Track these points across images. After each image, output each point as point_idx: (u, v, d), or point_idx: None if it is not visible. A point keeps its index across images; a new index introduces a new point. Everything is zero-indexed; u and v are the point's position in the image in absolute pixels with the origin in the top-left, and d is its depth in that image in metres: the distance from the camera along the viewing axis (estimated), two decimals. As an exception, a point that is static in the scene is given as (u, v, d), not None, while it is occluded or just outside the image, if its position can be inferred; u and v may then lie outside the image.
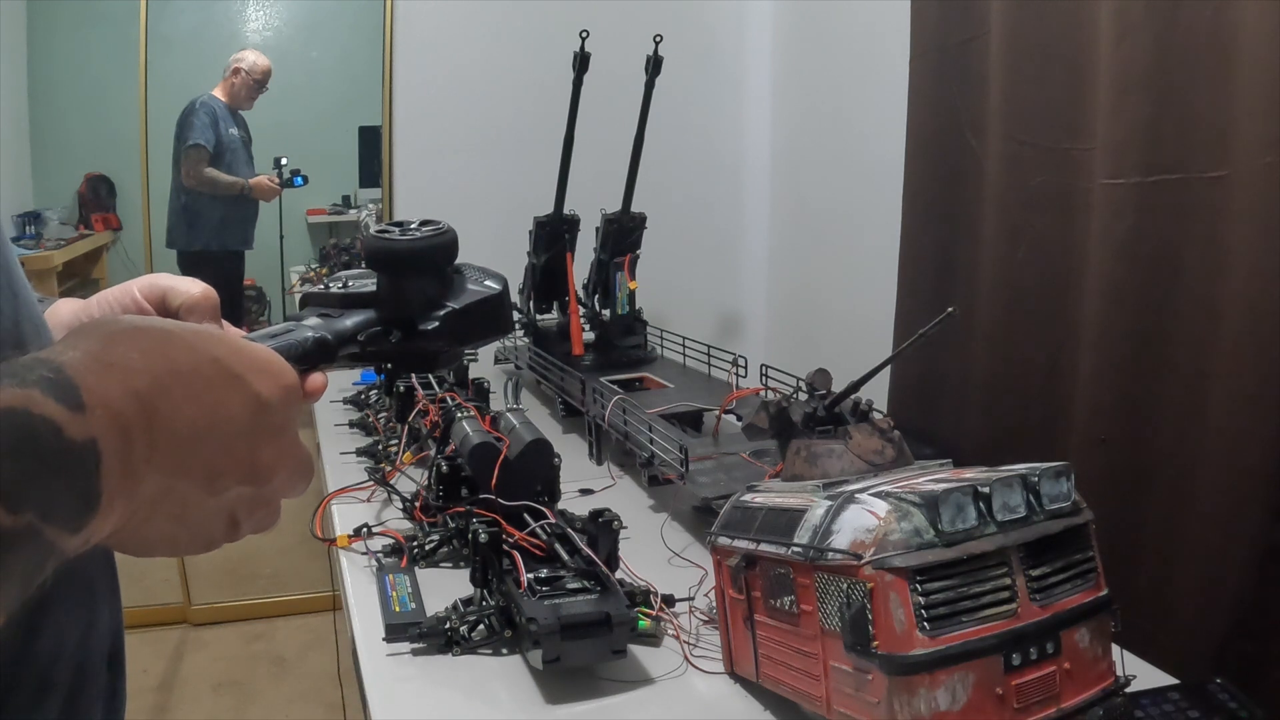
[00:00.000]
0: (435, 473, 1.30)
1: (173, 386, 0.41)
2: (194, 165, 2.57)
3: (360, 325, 0.60)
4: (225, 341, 0.45)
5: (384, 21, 2.45)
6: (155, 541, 0.44)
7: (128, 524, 0.40)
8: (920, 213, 1.83)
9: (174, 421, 0.40)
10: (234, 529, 0.47)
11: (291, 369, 0.48)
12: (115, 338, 0.41)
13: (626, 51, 2.02)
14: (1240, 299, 1.20)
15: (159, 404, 0.40)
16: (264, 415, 0.45)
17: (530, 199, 2.05)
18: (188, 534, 0.44)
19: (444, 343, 0.61)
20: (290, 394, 0.47)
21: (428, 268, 0.61)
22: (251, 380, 0.45)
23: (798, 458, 0.97)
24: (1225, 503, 1.21)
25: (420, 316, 0.60)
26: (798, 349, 2.52)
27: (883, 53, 2.02)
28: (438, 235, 0.61)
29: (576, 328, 2.00)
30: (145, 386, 0.40)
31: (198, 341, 0.44)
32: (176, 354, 0.42)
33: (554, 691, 0.96)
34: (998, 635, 0.71)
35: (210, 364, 0.43)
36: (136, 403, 0.39)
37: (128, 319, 0.44)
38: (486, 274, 0.64)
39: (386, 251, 0.60)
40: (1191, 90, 1.25)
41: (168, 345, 0.42)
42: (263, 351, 0.47)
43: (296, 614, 2.83)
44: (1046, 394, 1.53)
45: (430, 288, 0.61)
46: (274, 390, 0.46)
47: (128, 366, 0.40)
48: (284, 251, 2.77)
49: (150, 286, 0.57)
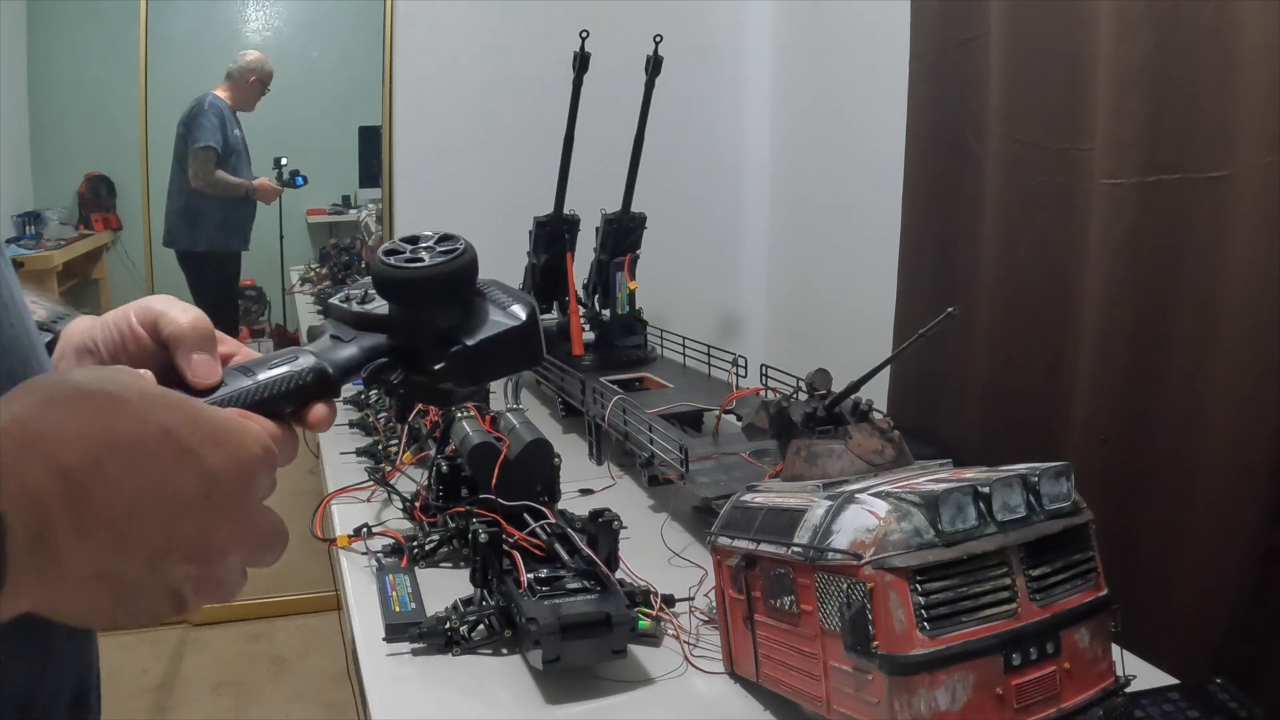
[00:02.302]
0: (435, 473, 1.30)
1: (108, 461, 0.39)
2: (203, 167, 2.57)
3: (366, 355, 0.53)
4: (181, 410, 0.43)
5: (384, 21, 2.45)
6: (91, 616, 0.41)
7: (55, 601, 0.39)
8: (920, 213, 1.83)
9: (108, 499, 0.38)
10: (180, 606, 0.44)
11: (256, 440, 0.45)
12: (55, 403, 0.39)
13: (626, 51, 2.02)
14: (1240, 299, 1.20)
15: (88, 482, 0.38)
16: (217, 492, 0.42)
17: (530, 199, 2.05)
18: (126, 611, 0.42)
19: (454, 382, 0.54)
20: (249, 467, 0.44)
21: (440, 297, 0.53)
22: (205, 454, 0.42)
23: (798, 458, 0.97)
24: (1225, 503, 1.21)
25: (429, 352, 0.53)
26: (798, 349, 2.52)
27: (883, 53, 2.02)
28: (450, 260, 0.52)
29: (576, 328, 2.00)
30: (75, 461, 0.38)
31: (148, 410, 0.41)
32: (120, 424, 0.40)
33: (554, 691, 0.96)
34: (998, 635, 0.71)
35: (158, 437, 0.41)
36: (60, 480, 0.37)
37: (78, 378, 0.42)
38: (514, 297, 0.55)
39: (390, 280, 0.53)
40: (1192, 90, 1.25)
41: (112, 414, 0.40)
42: (223, 420, 0.44)
43: (296, 614, 2.83)
44: (1046, 394, 1.53)
45: (444, 318, 0.53)
46: (229, 464, 0.43)
47: (59, 438, 0.38)
48: (284, 251, 2.77)
49: (144, 311, 0.54)
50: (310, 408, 0.51)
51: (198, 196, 2.60)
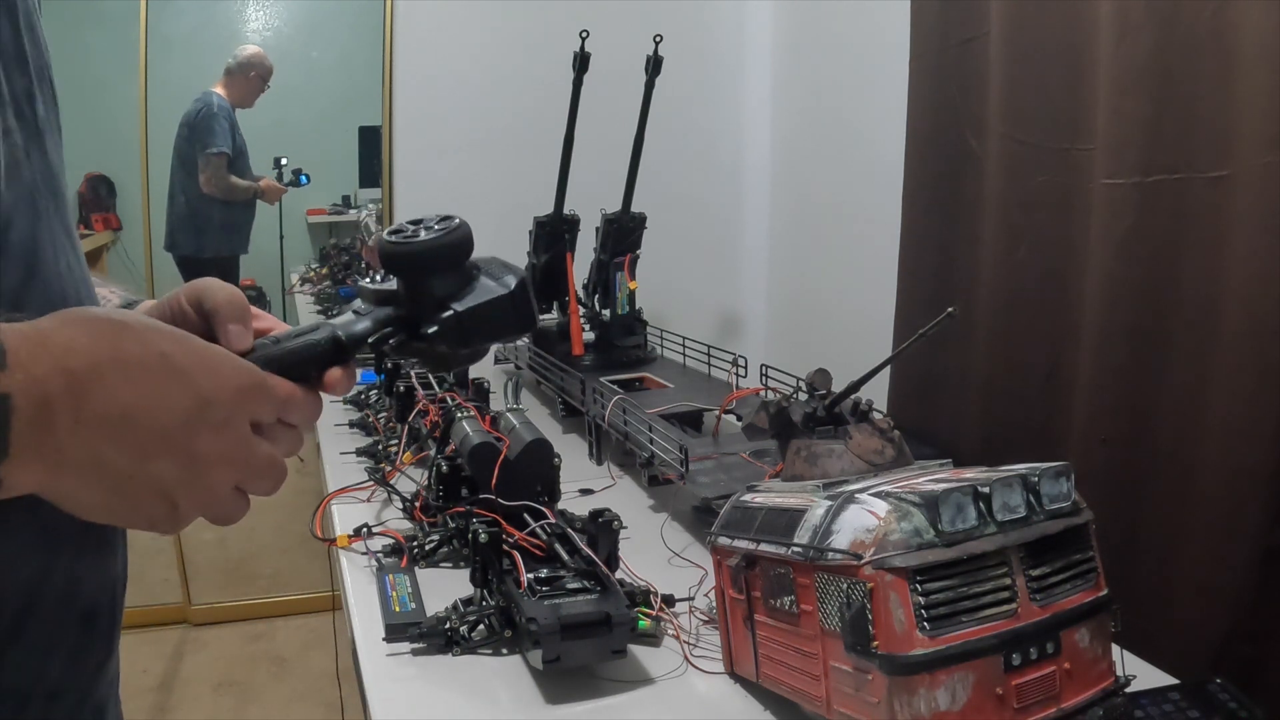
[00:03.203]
0: (435, 473, 1.30)
1: (109, 371, 0.46)
2: (217, 173, 2.57)
3: (378, 325, 0.60)
4: (180, 340, 0.50)
5: (384, 21, 2.45)
6: (91, 505, 0.48)
7: (57, 482, 0.46)
8: (920, 213, 1.83)
9: (106, 400, 0.46)
10: (173, 510, 0.50)
11: (249, 373, 0.52)
12: (72, 322, 0.47)
13: (626, 51, 2.02)
14: (1240, 299, 1.20)
15: (89, 383, 0.45)
16: (205, 410, 0.49)
17: (530, 199, 2.06)
18: (123, 504, 0.49)
19: (446, 346, 0.60)
20: (240, 395, 0.51)
21: (436, 269, 0.60)
22: (197, 376, 0.49)
23: (798, 458, 0.97)
24: (1225, 503, 1.21)
25: (424, 319, 0.60)
26: (798, 349, 2.53)
27: (883, 53, 2.02)
28: (445, 235, 0.60)
29: (576, 328, 2.00)
30: (79, 365, 0.45)
31: (150, 336, 0.49)
32: (125, 344, 0.47)
33: (554, 691, 0.96)
34: (998, 635, 0.71)
35: (156, 358, 0.48)
36: (64, 378, 0.44)
37: (95, 310, 0.50)
38: (507, 270, 0.62)
39: (391, 254, 0.60)
40: (1192, 90, 1.25)
41: (118, 335, 0.47)
42: (220, 354, 0.52)
43: (296, 614, 2.83)
44: (1046, 394, 1.53)
45: (440, 288, 0.60)
46: (220, 388, 0.50)
47: (69, 347, 0.45)
48: (284, 252, 2.77)
49: (191, 290, 0.62)
50: (327, 371, 0.59)
51: (202, 201, 2.59)
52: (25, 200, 0.55)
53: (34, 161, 0.56)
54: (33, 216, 0.55)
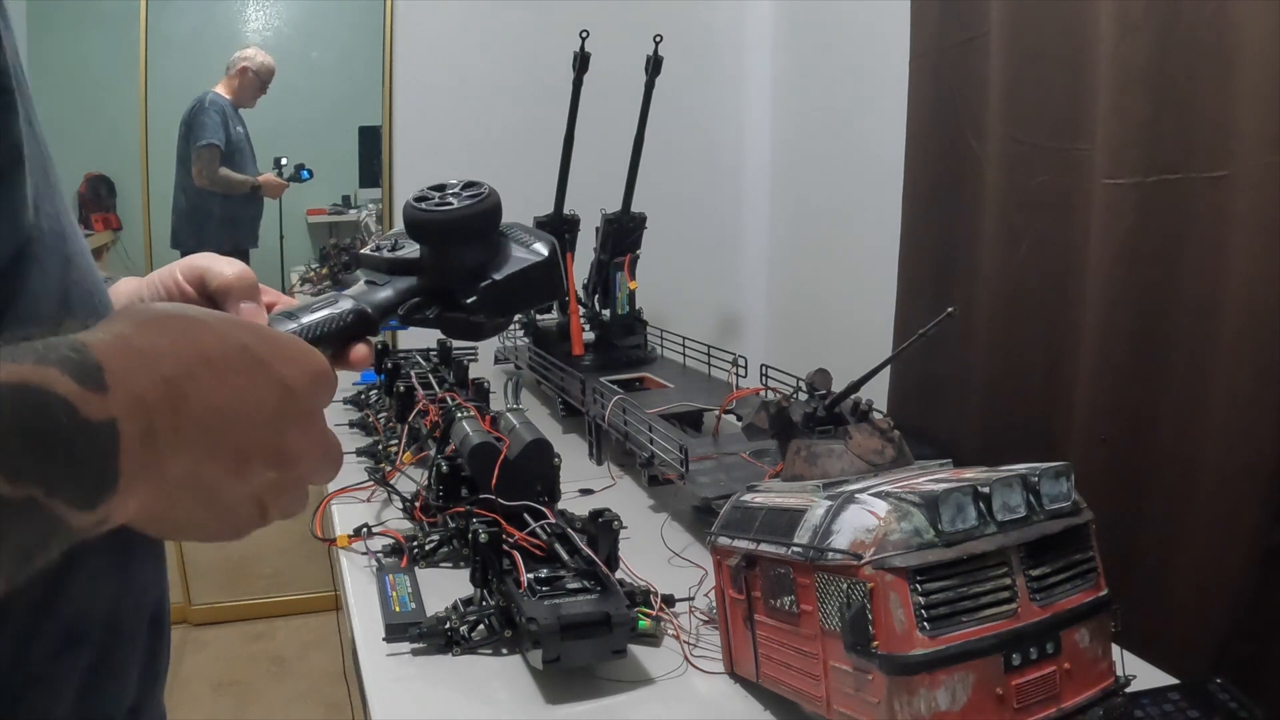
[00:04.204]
0: (435, 473, 1.30)
1: (201, 373, 0.42)
2: (207, 165, 2.57)
3: (401, 296, 0.57)
4: (253, 330, 0.46)
5: (384, 21, 2.45)
6: (185, 525, 0.44)
7: (155, 506, 0.41)
8: (920, 213, 1.83)
9: (201, 407, 0.41)
10: (262, 513, 0.47)
11: (319, 356, 0.48)
12: (146, 324, 0.42)
13: (626, 51, 2.02)
14: (1240, 299, 1.20)
15: (186, 389, 0.40)
16: (291, 401, 0.45)
17: (530, 199, 2.05)
18: (216, 518, 0.45)
19: (485, 315, 0.58)
20: (317, 381, 0.47)
21: (468, 237, 0.58)
22: (278, 367, 0.45)
23: (798, 458, 0.97)
24: (1225, 503, 1.21)
25: (461, 288, 0.58)
26: (798, 349, 2.52)
27: (883, 53, 2.02)
28: (477, 203, 0.57)
29: (576, 328, 2.00)
30: (173, 372, 0.40)
31: (226, 329, 0.44)
32: (205, 341, 0.43)
33: (554, 691, 0.96)
34: (998, 635, 0.71)
35: (238, 351, 0.44)
36: (163, 388, 0.39)
37: (160, 306, 0.45)
38: (535, 236, 0.60)
39: (422, 222, 0.57)
40: (1192, 90, 1.25)
41: (197, 332, 0.43)
42: (290, 339, 0.48)
43: (296, 614, 2.83)
44: (1046, 394, 1.53)
45: (472, 257, 0.58)
46: (300, 377, 0.46)
47: (156, 352, 0.40)
48: (284, 251, 2.77)
49: (190, 268, 0.58)
50: (351, 347, 0.55)
51: (202, 196, 2.59)
52: (41, 176, 0.50)
53: (36, 132, 0.52)
54: (53, 195, 0.51)
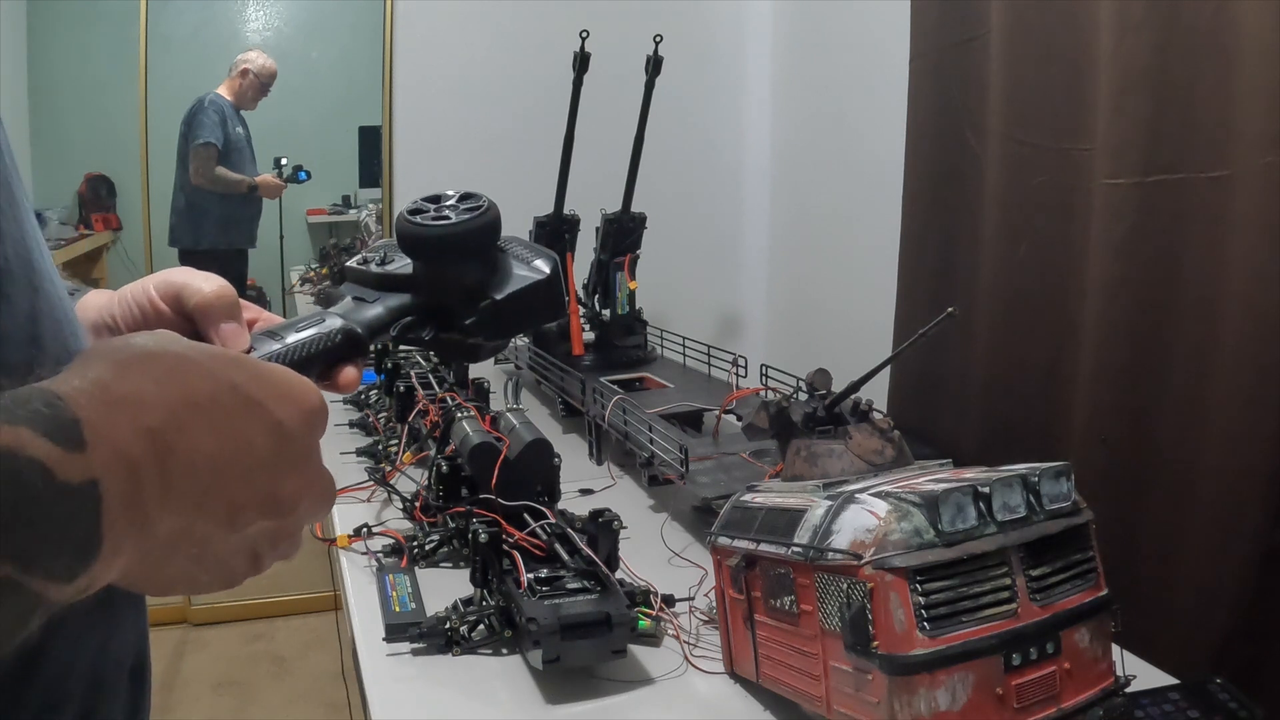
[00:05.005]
0: (435, 473, 1.29)
1: (189, 419, 0.38)
2: (204, 164, 2.57)
3: (394, 314, 0.54)
4: (244, 366, 0.42)
5: (384, 21, 2.45)
6: (174, 581, 0.41)
7: (142, 567, 0.38)
8: (920, 213, 1.83)
9: (191, 457, 0.38)
10: (256, 563, 0.44)
11: (314, 391, 0.45)
12: (128, 365, 0.38)
13: (626, 51, 2.02)
14: (1240, 299, 1.20)
15: (173, 439, 0.37)
16: (286, 444, 0.42)
17: (530, 199, 2.05)
18: (207, 573, 0.42)
19: (484, 336, 0.55)
20: (313, 418, 0.44)
21: (466, 254, 0.54)
22: (272, 406, 0.41)
23: (798, 458, 0.97)
24: (1225, 503, 1.21)
25: (458, 308, 0.54)
26: (798, 349, 2.52)
27: (883, 53, 2.02)
28: (476, 217, 0.53)
29: (576, 328, 2.00)
30: (158, 421, 0.37)
31: (215, 367, 0.41)
32: (193, 382, 0.39)
33: (554, 691, 0.96)
34: (998, 635, 0.71)
35: (229, 392, 0.40)
36: (148, 440, 0.36)
37: (140, 342, 0.41)
38: (535, 252, 0.56)
39: (417, 237, 0.53)
40: (1192, 90, 1.25)
41: (184, 373, 0.39)
42: (283, 374, 0.44)
43: (296, 614, 2.83)
44: (1046, 394, 1.53)
45: (470, 275, 0.54)
46: (295, 416, 0.42)
47: (139, 399, 0.37)
48: (284, 251, 2.77)
49: (165, 284, 0.54)
50: (340, 369, 0.52)
51: (199, 194, 2.60)
52: (7, 198, 0.45)
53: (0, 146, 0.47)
54: (17, 214, 0.46)
